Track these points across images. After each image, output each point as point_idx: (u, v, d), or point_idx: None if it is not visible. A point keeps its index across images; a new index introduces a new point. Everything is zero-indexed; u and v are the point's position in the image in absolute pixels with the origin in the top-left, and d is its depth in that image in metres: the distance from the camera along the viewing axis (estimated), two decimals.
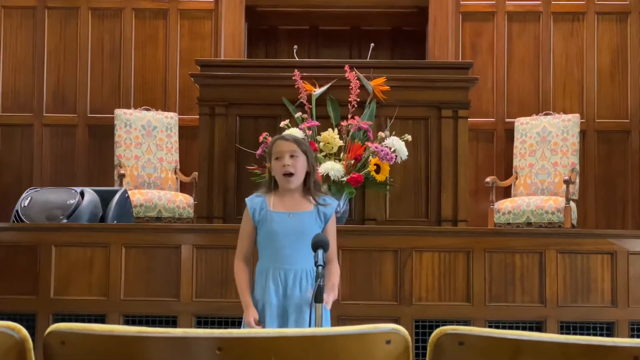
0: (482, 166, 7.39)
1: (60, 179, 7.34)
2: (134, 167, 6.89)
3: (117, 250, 4.68)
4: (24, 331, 1.55)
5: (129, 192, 5.72)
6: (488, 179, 6.75)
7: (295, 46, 6.46)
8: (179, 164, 7.06)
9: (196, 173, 6.27)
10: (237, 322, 4.58)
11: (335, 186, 4.99)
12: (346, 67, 5.47)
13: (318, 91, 5.48)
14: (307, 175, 3.44)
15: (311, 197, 3.43)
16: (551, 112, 7.19)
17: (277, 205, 3.43)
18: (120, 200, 5.28)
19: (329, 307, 3.32)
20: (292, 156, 3.38)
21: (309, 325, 3.10)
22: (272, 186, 3.46)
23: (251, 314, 3.38)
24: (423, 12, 7.72)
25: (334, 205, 3.47)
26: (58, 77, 7.59)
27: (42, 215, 5.04)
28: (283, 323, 3.36)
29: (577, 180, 6.74)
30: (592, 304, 4.64)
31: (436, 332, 1.59)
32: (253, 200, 3.46)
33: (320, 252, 3.06)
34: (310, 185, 3.43)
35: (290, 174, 3.38)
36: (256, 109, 5.76)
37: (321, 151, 5.12)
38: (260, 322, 3.37)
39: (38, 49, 7.59)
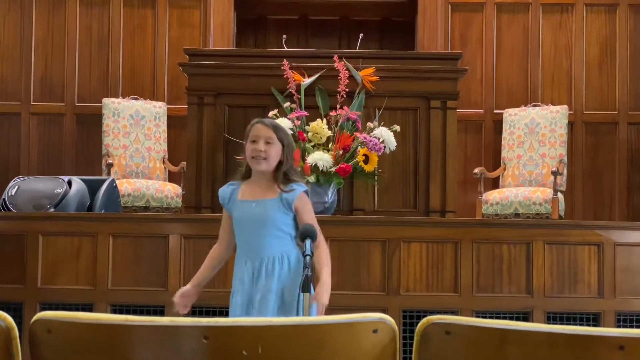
0: (471, 157, 7.40)
1: (47, 168, 7.31)
2: (122, 156, 6.87)
3: (104, 240, 4.67)
4: (10, 319, 1.55)
5: (117, 182, 5.70)
6: (476, 170, 6.76)
7: (285, 36, 6.45)
8: (167, 154, 7.04)
9: (184, 163, 6.25)
10: (225, 312, 4.58)
11: (323, 176, 4.99)
12: (335, 57, 5.47)
13: (307, 81, 5.48)
14: (280, 164, 3.41)
15: (279, 185, 3.40)
16: (540, 103, 7.20)
17: (245, 193, 3.44)
18: (108, 190, 5.26)
19: (319, 311, 3.22)
20: (267, 142, 3.37)
21: (297, 315, 3.09)
22: (247, 172, 3.47)
23: (182, 290, 3.53)
24: (412, 3, 7.71)
25: (298, 190, 3.39)
26: (46, 66, 7.55)
27: (29, 204, 5.02)
28: (247, 312, 3.36)
29: (565, 172, 6.76)
30: (578, 294, 4.67)
31: (423, 321, 1.60)
32: (224, 190, 3.51)
33: (308, 242, 3.05)
34: (279, 175, 3.39)
35: (262, 159, 3.36)
36: (245, 98, 5.75)
37: (310, 141, 5.12)
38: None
39: (26, 37, 7.54)
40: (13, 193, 5.08)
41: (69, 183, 5.14)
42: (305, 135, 5.12)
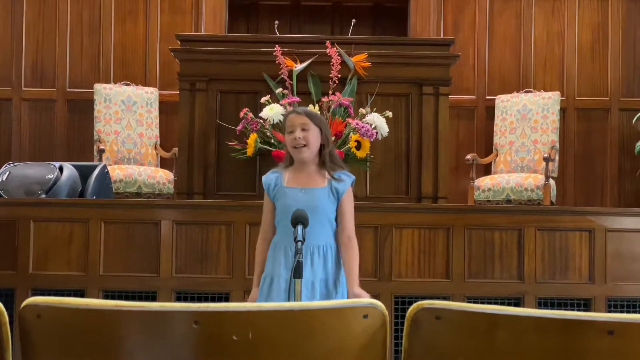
0: (463, 143, 7.41)
1: (38, 153, 7.29)
2: (113, 142, 6.85)
3: (96, 226, 4.66)
4: (0, 305, 1.55)
5: (109, 168, 5.69)
6: (468, 156, 6.77)
7: (277, 21, 6.42)
8: (159, 140, 7.03)
9: (176, 149, 6.24)
10: (216, 298, 4.59)
11: None
12: (327, 43, 5.45)
13: (299, 67, 5.46)
14: (322, 147, 3.41)
15: (326, 172, 3.41)
16: (532, 89, 7.21)
17: (291, 180, 3.43)
18: (100, 176, 5.25)
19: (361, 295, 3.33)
20: (303, 129, 3.36)
21: (290, 300, 3.10)
22: (289, 161, 3.46)
23: (252, 296, 3.44)
24: None
25: (349, 181, 3.42)
26: (37, 51, 7.51)
27: (20, 190, 5.01)
28: (291, 297, 3.30)
29: (557, 158, 6.77)
30: (569, 280, 4.68)
31: (413, 306, 1.60)
32: (268, 177, 3.48)
33: (299, 227, 3.05)
34: (326, 159, 3.40)
35: (302, 146, 3.37)
36: (237, 84, 5.73)
37: None
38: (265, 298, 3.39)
39: (16, 23, 7.50)
40: (4, 179, 5.06)
41: (61, 169, 5.13)
42: None
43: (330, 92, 5.28)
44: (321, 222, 3.29)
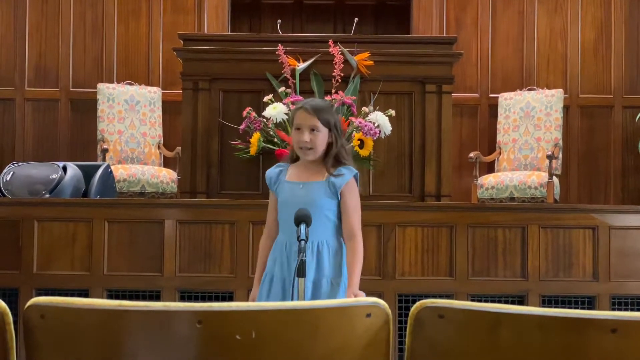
0: (466, 141, 7.40)
1: (42, 153, 7.30)
2: (117, 141, 6.86)
3: (100, 225, 4.67)
4: (4, 304, 1.55)
5: (112, 167, 5.69)
6: (471, 154, 6.76)
7: (279, 20, 6.43)
8: (162, 139, 7.04)
9: (179, 148, 6.24)
10: (220, 297, 4.59)
11: None
12: (330, 42, 5.45)
13: (302, 66, 5.46)
14: (330, 145, 3.29)
15: (328, 169, 3.29)
16: (535, 87, 7.20)
17: (293, 175, 3.34)
18: (103, 175, 5.26)
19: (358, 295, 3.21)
20: (312, 131, 3.25)
21: (292, 299, 3.09)
22: (295, 156, 3.36)
23: (252, 295, 3.39)
24: None
25: (349, 175, 3.29)
26: (40, 52, 7.52)
27: (24, 190, 5.01)
28: (287, 296, 3.23)
29: (560, 156, 6.76)
30: (573, 278, 4.68)
31: (416, 305, 1.60)
32: (271, 171, 3.40)
33: (302, 226, 3.03)
34: (330, 157, 3.28)
35: (308, 149, 3.27)
36: (240, 83, 5.73)
37: None
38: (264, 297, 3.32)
39: (19, 23, 7.51)
40: (8, 179, 5.07)
41: (64, 169, 5.13)
42: None
43: (333, 90, 5.28)
44: (317, 218, 3.14)
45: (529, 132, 6.83)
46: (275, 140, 5.22)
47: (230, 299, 4.54)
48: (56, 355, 1.58)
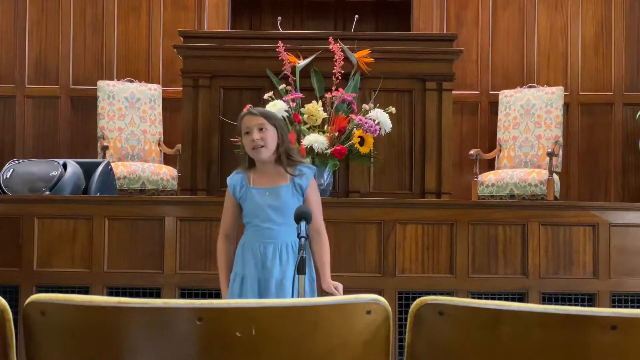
0: (466, 139, 7.40)
1: (42, 150, 7.30)
2: (117, 139, 6.85)
3: (100, 222, 4.67)
4: (3, 301, 1.55)
5: (112, 164, 5.69)
6: (472, 152, 6.76)
7: (280, 17, 6.42)
8: (162, 136, 7.04)
9: (180, 145, 6.24)
10: (220, 294, 4.59)
11: (319, 158, 4.99)
12: (330, 39, 5.45)
13: (302, 63, 5.46)
14: (278, 146, 3.42)
15: (287, 169, 3.42)
16: (535, 84, 7.19)
17: (256, 181, 3.45)
18: (103, 172, 5.26)
19: (336, 292, 3.36)
20: (260, 129, 3.38)
21: (292, 297, 3.10)
22: (249, 162, 3.49)
23: (222, 297, 3.45)
24: None
25: (310, 174, 3.44)
26: (40, 49, 7.52)
27: (24, 187, 5.01)
28: (263, 296, 3.36)
29: (561, 153, 6.76)
30: (573, 275, 4.68)
31: (416, 302, 1.60)
32: (233, 178, 3.49)
33: (302, 224, 3.05)
34: (282, 157, 3.42)
35: (260, 147, 3.38)
36: (240, 80, 5.74)
37: (305, 123, 5.11)
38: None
39: (20, 20, 7.51)
40: (8, 176, 5.07)
41: (64, 166, 5.13)
42: (300, 117, 5.11)
43: (333, 88, 5.27)
44: (287, 221, 3.27)
45: (530, 129, 6.83)
46: None
47: None
48: (56, 352, 1.58)
